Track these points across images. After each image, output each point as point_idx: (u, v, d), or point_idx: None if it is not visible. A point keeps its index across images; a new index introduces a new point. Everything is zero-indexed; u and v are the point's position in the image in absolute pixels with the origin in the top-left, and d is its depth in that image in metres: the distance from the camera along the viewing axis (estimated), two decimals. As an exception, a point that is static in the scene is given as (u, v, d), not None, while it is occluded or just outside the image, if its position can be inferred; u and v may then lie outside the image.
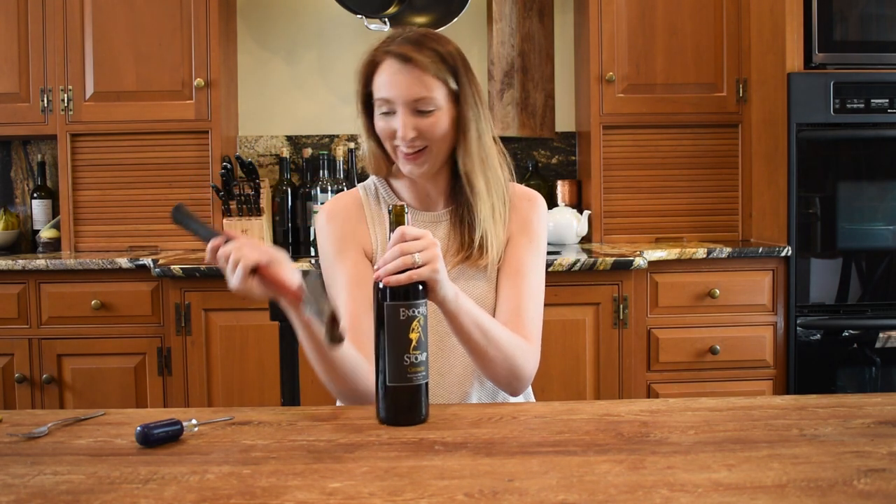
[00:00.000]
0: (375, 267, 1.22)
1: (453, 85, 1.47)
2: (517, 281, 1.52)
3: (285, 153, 3.25)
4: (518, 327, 1.48)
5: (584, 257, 2.64)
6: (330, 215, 1.57)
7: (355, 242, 1.55)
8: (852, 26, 2.81)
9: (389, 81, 1.45)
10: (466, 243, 1.53)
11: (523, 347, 1.45)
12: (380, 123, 1.50)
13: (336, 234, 1.55)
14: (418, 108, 1.45)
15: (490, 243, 1.52)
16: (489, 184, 1.52)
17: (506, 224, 1.56)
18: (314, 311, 1.21)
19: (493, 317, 1.48)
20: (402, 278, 1.18)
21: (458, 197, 1.55)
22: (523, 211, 1.60)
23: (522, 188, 1.65)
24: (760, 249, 2.79)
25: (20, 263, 2.73)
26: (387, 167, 1.59)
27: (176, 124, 3.08)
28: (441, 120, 1.46)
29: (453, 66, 1.48)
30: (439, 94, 1.46)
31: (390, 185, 1.61)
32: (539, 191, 3.22)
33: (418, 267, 1.20)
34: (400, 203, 1.22)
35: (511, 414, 1.25)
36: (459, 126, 1.49)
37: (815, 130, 2.79)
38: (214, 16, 3.05)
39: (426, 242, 1.22)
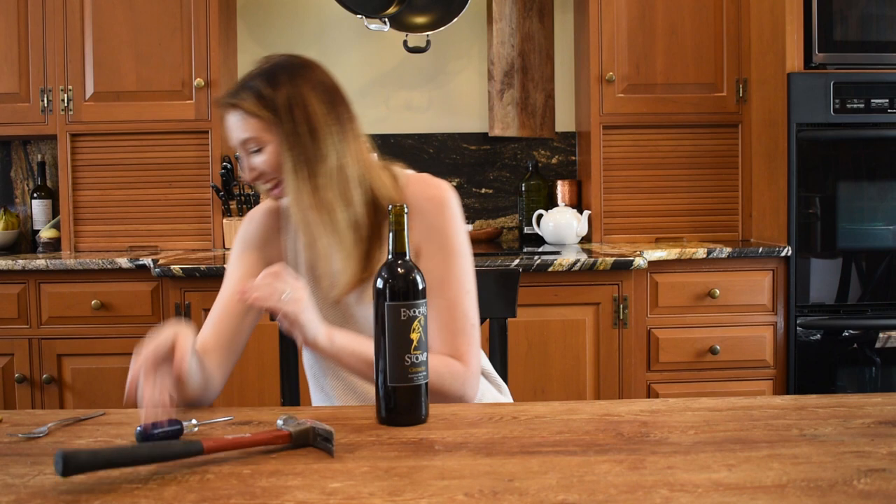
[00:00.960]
0: (252, 283, 1.26)
1: (273, 119, 1.43)
2: (439, 297, 1.41)
3: (285, 153, 3.25)
4: (451, 348, 1.41)
5: (584, 257, 2.64)
6: (247, 220, 1.60)
7: (261, 252, 1.55)
8: (852, 26, 2.81)
9: (227, 130, 1.49)
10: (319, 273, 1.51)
11: (444, 372, 1.37)
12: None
13: (247, 236, 1.57)
14: (248, 149, 1.46)
15: (331, 278, 1.47)
16: (330, 214, 1.43)
17: (365, 250, 1.47)
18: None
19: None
20: (268, 304, 1.24)
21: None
22: (429, 216, 1.46)
23: (423, 186, 1.50)
24: (760, 249, 2.79)
25: (20, 263, 2.73)
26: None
27: (176, 124, 3.08)
28: (271, 154, 1.44)
29: (272, 100, 1.44)
30: (262, 131, 1.44)
31: None
32: (539, 191, 3.27)
33: (285, 301, 1.24)
34: (400, 204, 1.22)
35: (511, 414, 1.25)
36: (286, 160, 1.44)
37: (815, 130, 2.79)
38: (214, 16, 3.05)
39: (298, 284, 1.27)
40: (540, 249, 2.98)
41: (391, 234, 1.22)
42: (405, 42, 3.18)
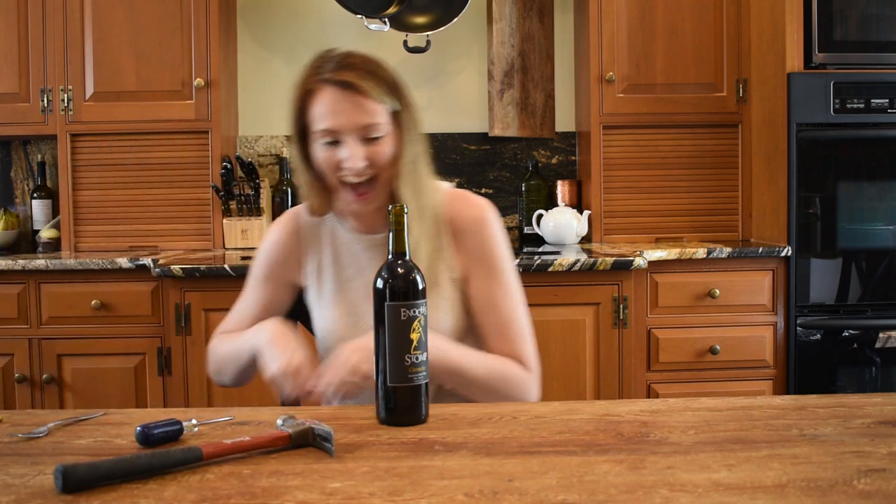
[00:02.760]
0: (318, 387, 1.31)
1: (395, 107, 1.43)
2: (491, 315, 1.49)
3: (285, 153, 3.26)
4: (517, 357, 1.48)
5: (584, 257, 2.64)
6: (267, 248, 1.60)
7: (281, 279, 1.59)
8: (852, 26, 2.81)
9: (333, 111, 1.39)
10: None
11: (513, 378, 1.45)
12: (322, 155, 1.43)
13: (266, 268, 1.59)
14: (366, 136, 1.40)
15: None
16: (421, 211, 1.46)
17: (438, 249, 1.50)
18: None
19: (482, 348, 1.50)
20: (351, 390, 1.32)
21: None
22: (474, 238, 1.50)
23: (464, 204, 1.53)
24: (760, 249, 2.79)
25: (20, 263, 2.73)
26: (326, 202, 1.51)
27: (176, 124, 3.08)
28: (388, 145, 1.42)
29: (391, 86, 1.43)
30: (383, 119, 1.41)
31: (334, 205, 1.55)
32: (539, 191, 3.27)
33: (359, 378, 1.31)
34: (400, 204, 1.22)
35: (511, 414, 1.25)
36: (399, 149, 1.44)
37: (815, 130, 2.79)
38: (214, 16, 3.05)
39: (347, 365, 1.31)
40: (540, 249, 2.98)
41: (391, 234, 1.22)
42: (405, 42, 3.18)
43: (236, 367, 1.53)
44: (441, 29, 3.12)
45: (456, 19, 3.11)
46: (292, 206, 3.21)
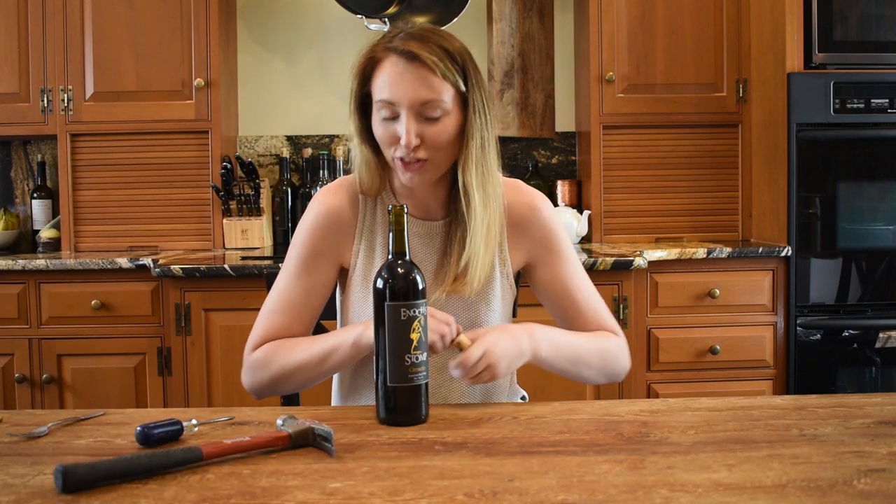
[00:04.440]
0: (453, 365, 1.25)
1: (462, 87, 1.34)
2: (569, 298, 1.49)
3: (285, 153, 3.26)
4: (608, 327, 1.50)
5: (584, 257, 2.64)
6: (319, 217, 1.46)
7: (332, 255, 1.46)
8: (852, 26, 2.81)
9: (393, 82, 1.32)
10: (452, 265, 1.42)
11: (614, 349, 1.47)
12: (379, 129, 1.36)
13: (317, 241, 1.45)
14: (424, 114, 1.32)
15: (474, 273, 1.39)
16: (487, 199, 1.39)
17: (498, 243, 1.45)
18: None
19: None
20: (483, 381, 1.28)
21: (457, 206, 1.42)
22: (536, 227, 1.49)
23: (518, 194, 1.50)
24: (760, 249, 2.79)
25: (20, 263, 2.73)
26: (381, 179, 1.45)
27: (176, 124, 3.08)
28: (448, 126, 1.34)
29: (462, 65, 1.35)
30: (447, 98, 1.33)
31: (391, 184, 1.48)
32: (538, 191, 3.26)
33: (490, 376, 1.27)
34: (400, 204, 1.22)
35: (511, 414, 1.25)
36: (464, 133, 1.36)
37: (815, 130, 2.79)
38: (214, 16, 3.05)
39: (490, 367, 1.26)
40: (540, 249, 2.97)
41: (391, 234, 1.22)
42: (405, 42, 3.18)
43: (319, 372, 1.38)
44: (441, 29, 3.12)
45: (456, 19, 3.12)
46: (292, 206, 3.23)
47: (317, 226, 1.45)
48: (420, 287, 1.19)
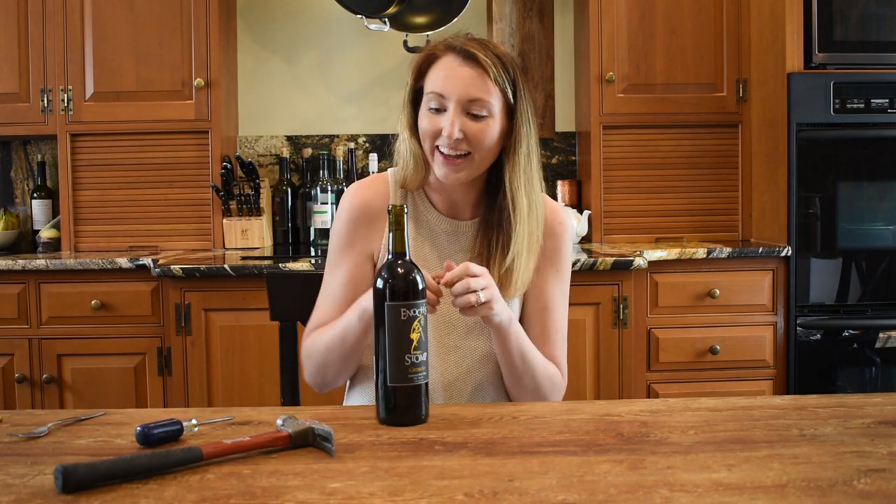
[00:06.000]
0: (441, 282, 1.27)
1: (510, 96, 1.41)
2: (545, 317, 1.51)
3: (285, 153, 3.26)
4: (554, 359, 1.50)
5: (584, 257, 2.64)
6: (352, 210, 1.51)
7: (363, 246, 1.51)
8: (852, 26, 2.81)
9: (447, 75, 1.39)
10: (494, 270, 1.43)
11: (554, 382, 1.48)
12: (424, 121, 1.42)
13: (349, 232, 1.51)
14: (471, 111, 1.38)
15: (517, 276, 1.44)
16: (532, 206, 1.45)
17: (538, 251, 1.49)
18: None
19: None
20: (468, 312, 1.28)
21: (485, 210, 1.48)
22: (556, 238, 1.52)
23: (554, 207, 1.56)
24: (760, 249, 2.79)
25: (20, 263, 2.73)
26: (421, 175, 1.48)
27: (176, 124, 3.08)
28: (491, 128, 1.40)
29: (513, 76, 1.42)
30: (495, 101, 1.40)
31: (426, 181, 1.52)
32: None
33: (481, 304, 1.27)
34: (399, 204, 1.22)
35: (511, 414, 1.25)
36: (512, 140, 1.42)
37: (815, 130, 2.79)
38: (214, 16, 3.05)
39: (487, 281, 1.29)
40: (540, 249, 2.97)
41: (391, 234, 1.22)
42: (405, 42, 3.18)
43: (344, 350, 1.42)
44: (441, 29, 3.12)
45: (456, 19, 3.11)
46: (292, 206, 3.23)
47: (347, 218, 1.52)
48: (420, 287, 1.19)
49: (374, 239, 1.51)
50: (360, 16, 3.04)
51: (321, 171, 3.20)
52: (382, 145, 3.32)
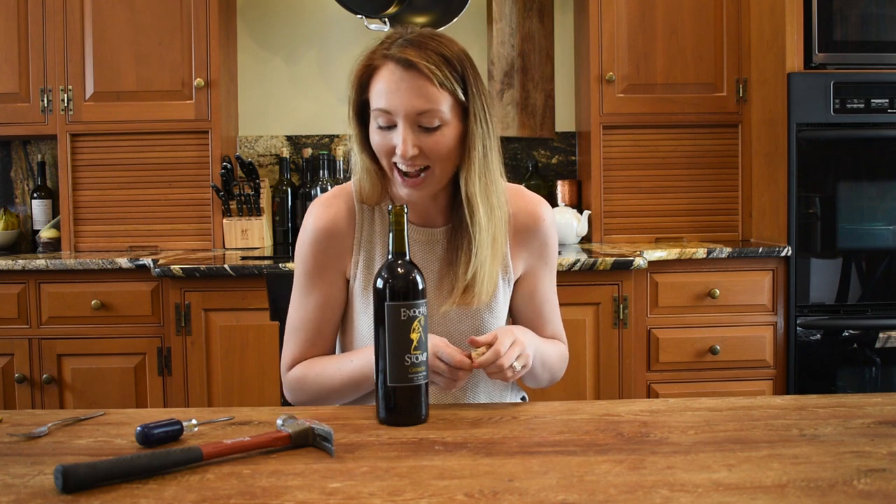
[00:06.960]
0: (480, 360, 1.26)
1: (461, 96, 1.31)
2: (546, 303, 1.54)
3: (285, 153, 3.25)
4: (560, 336, 1.57)
5: (584, 257, 2.64)
6: (317, 233, 1.43)
7: (335, 266, 1.44)
8: (852, 26, 2.81)
9: (389, 90, 1.29)
10: (459, 277, 1.39)
11: (564, 358, 1.54)
12: (376, 138, 1.34)
13: (318, 255, 1.43)
14: (422, 123, 1.30)
15: (481, 286, 1.38)
16: (492, 210, 1.37)
17: (503, 253, 1.44)
18: None
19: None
20: (507, 377, 1.29)
21: (458, 212, 1.40)
22: (538, 237, 1.49)
23: (527, 199, 1.50)
24: (760, 249, 2.79)
25: (20, 263, 2.73)
26: (382, 188, 1.42)
27: (176, 124, 3.08)
28: (446, 136, 1.31)
29: (461, 73, 1.32)
30: (445, 107, 1.30)
31: (390, 192, 1.46)
32: (539, 191, 3.27)
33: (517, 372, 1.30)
34: (400, 205, 1.22)
35: (511, 414, 1.25)
36: (465, 143, 1.34)
37: (815, 130, 2.79)
38: (214, 16, 3.05)
39: (518, 349, 1.28)
40: (540, 249, 2.97)
41: (391, 234, 1.22)
42: (405, 42, 3.18)
43: (357, 393, 1.39)
44: (441, 29, 3.12)
45: (456, 19, 3.12)
46: (292, 206, 3.23)
47: (313, 241, 1.44)
48: (420, 287, 1.19)
49: (345, 258, 1.44)
50: (360, 16, 3.05)
51: (321, 171, 3.20)
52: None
